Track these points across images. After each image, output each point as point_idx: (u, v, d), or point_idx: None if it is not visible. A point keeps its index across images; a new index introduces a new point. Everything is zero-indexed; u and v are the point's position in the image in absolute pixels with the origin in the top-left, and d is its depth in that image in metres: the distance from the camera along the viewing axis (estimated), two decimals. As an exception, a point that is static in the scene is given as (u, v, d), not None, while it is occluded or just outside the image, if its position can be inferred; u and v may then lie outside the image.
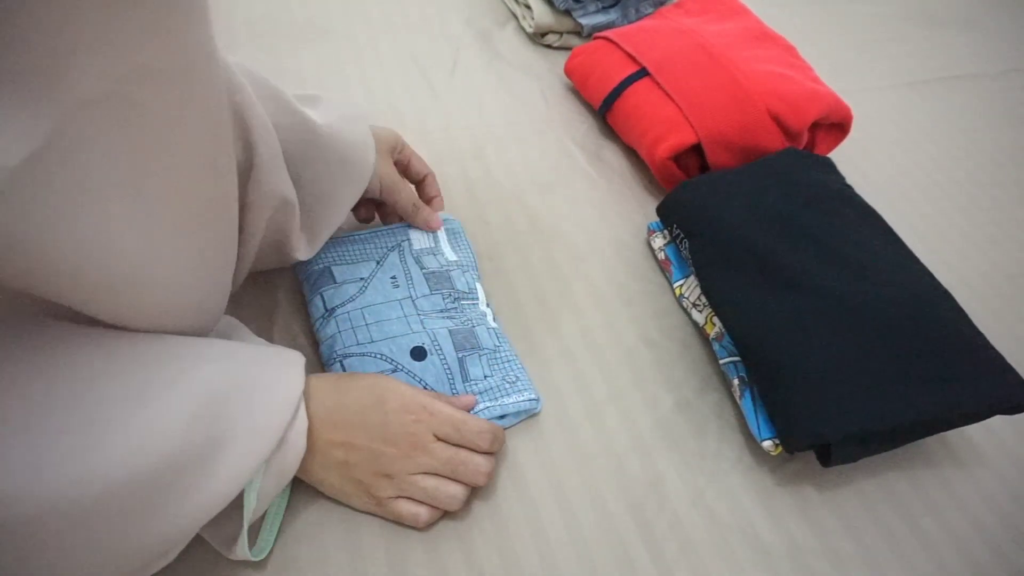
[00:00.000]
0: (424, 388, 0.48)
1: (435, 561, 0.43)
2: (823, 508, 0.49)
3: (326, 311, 0.51)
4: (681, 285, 0.60)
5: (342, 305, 0.51)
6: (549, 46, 0.86)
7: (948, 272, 0.64)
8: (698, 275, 0.56)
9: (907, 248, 0.56)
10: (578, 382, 0.53)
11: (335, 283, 0.52)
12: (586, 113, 0.78)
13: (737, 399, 0.52)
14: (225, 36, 0.77)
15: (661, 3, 0.86)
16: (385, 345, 0.49)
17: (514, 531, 0.45)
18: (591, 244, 0.64)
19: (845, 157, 0.73)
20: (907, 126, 0.84)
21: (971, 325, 0.51)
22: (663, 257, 0.62)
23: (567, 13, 0.83)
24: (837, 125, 0.68)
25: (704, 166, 0.67)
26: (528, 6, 0.84)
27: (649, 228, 0.65)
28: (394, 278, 0.53)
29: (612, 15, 0.85)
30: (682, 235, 0.58)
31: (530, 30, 0.85)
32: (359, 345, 0.49)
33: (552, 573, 0.44)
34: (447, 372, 0.49)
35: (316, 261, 0.53)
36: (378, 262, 0.54)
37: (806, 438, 0.46)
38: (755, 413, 0.50)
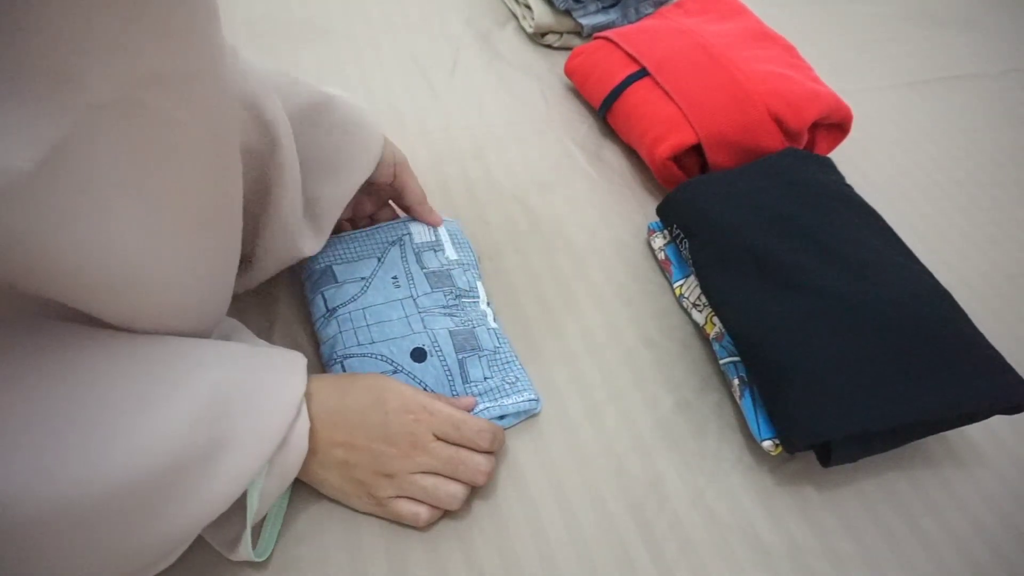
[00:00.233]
0: (424, 389, 0.48)
1: (435, 561, 0.43)
2: (823, 508, 0.49)
3: (327, 311, 0.51)
4: (681, 285, 0.60)
5: (343, 305, 0.51)
6: (549, 46, 0.86)
7: (948, 272, 0.64)
8: (698, 275, 0.56)
9: (907, 248, 0.56)
10: (578, 382, 0.54)
11: (336, 282, 0.52)
12: (586, 113, 0.78)
13: (737, 399, 0.52)
14: (225, 36, 0.77)
15: (661, 3, 0.86)
16: (385, 346, 0.49)
17: (514, 531, 0.45)
18: (591, 244, 0.64)
19: (845, 157, 0.73)
20: (907, 126, 0.84)
21: (971, 325, 0.51)
22: (663, 257, 0.62)
23: (567, 13, 0.83)
24: (837, 125, 0.68)
25: (704, 166, 0.67)
26: (528, 6, 0.85)
27: (649, 228, 0.65)
28: (395, 278, 0.53)
29: (612, 15, 0.85)
30: (682, 235, 0.58)
31: (530, 30, 0.85)
32: (360, 346, 0.49)
33: (552, 573, 0.44)
34: (447, 374, 0.49)
35: (317, 260, 0.53)
36: (379, 259, 0.54)
37: (806, 438, 0.46)
38: (755, 413, 0.50)
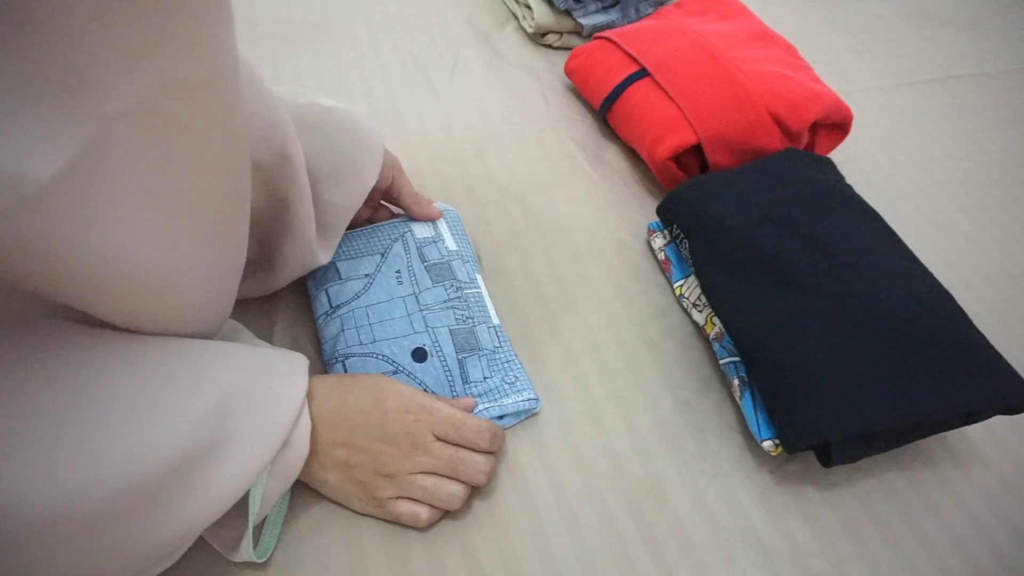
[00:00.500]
0: (424, 390, 0.48)
1: (435, 561, 0.43)
2: (823, 508, 0.49)
3: (330, 307, 0.51)
4: (681, 285, 0.60)
5: (347, 303, 0.51)
6: (549, 46, 0.86)
7: (948, 272, 0.64)
8: (698, 275, 0.56)
9: (907, 248, 0.56)
10: (578, 382, 0.54)
11: (340, 279, 0.52)
12: (586, 113, 0.78)
13: (737, 399, 0.52)
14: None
15: (661, 3, 0.86)
16: (387, 346, 0.49)
17: (514, 531, 0.45)
18: (591, 244, 0.64)
19: (845, 157, 0.73)
20: (907, 126, 0.84)
21: (971, 325, 0.51)
22: (663, 257, 0.62)
23: (567, 13, 0.83)
24: (837, 125, 0.68)
25: (704, 166, 0.67)
26: (528, 6, 0.84)
27: (649, 228, 0.65)
28: (398, 272, 0.53)
29: (612, 15, 0.85)
30: (682, 235, 0.58)
31: (530, 30, 0.85)
32: (361, 345, 0.49)
33: (552, 573, 0.44)
34: (447, 374, 0.49)
35: None
36: (382, 254, 0.54)
37: (806, 438, 0.46)
38: (755, 413, 0.50)
